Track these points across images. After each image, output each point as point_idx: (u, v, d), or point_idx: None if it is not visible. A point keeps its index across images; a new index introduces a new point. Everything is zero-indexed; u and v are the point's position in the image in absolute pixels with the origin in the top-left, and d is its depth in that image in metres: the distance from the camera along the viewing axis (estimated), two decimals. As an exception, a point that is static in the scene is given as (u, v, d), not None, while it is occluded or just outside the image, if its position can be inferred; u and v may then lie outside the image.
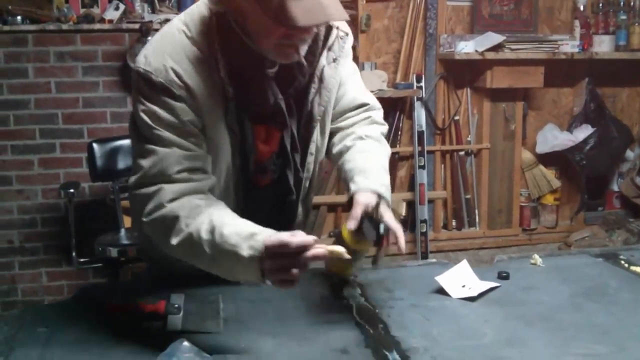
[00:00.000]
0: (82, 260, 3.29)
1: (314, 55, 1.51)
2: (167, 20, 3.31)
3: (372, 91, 3.60)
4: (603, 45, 3.97)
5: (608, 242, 3.77)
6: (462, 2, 4.01)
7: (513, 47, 3.74)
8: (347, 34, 1.58)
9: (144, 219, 1.39)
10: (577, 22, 4.02)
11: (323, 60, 1.54)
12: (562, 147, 3.96)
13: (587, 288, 1.55)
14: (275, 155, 1.56)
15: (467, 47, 3.73)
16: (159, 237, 1.40)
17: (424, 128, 3.93)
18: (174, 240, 1.35)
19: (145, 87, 1.40)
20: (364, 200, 1.47)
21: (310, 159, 1.62)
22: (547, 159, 4.18)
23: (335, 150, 1.67)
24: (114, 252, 3.13)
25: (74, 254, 3.25)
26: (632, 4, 4.03)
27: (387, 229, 1.42)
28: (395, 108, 3.97)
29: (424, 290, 1.56)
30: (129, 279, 3.21)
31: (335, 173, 3.82)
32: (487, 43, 3.67)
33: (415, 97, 3.88)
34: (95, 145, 3.19)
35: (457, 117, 4.08)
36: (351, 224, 1.41)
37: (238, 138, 1.48)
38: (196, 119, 1.42)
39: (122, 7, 3.48)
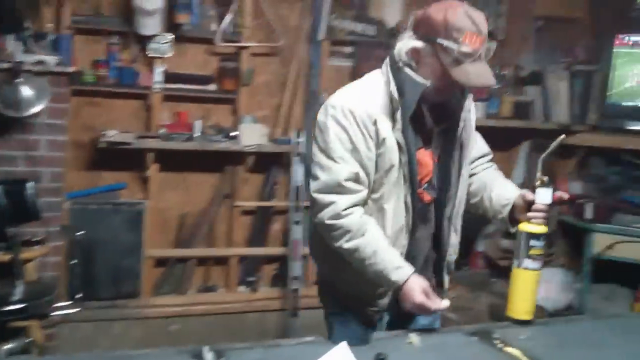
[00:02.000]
0: None
1: (458, 102, 1.98)
2: (40, 62, 3.14)
3: (251, 145, 3.59)
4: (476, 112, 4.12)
5: (473, 303, 3.86)
6: (343, 62, 4.06)
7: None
8: (470, 96, 2.04)
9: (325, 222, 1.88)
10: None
11: (466, 106, 2.00)
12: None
13: (463, 374, 1.53)
14: (434, 176, 1.98)
15: (347, 107, 3.75)
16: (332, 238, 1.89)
17: (301, 183, 3.89)
18: (345, 244, 1.87)
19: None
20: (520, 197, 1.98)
21: (462, 180, 2.04)
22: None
23: (473, 187, 2.14)
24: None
25: None
26: (503, 74, 4.24)
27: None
28: (273, 162, 3.91)
29: (300, 375, 1.47)
30: None
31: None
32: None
33: (293, 153, 3.84)
34: None
35: (333, 174, 4.07)
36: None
37: (405, 151, 1.87)
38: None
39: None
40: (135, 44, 3.57)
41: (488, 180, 2.12)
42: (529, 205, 1.93)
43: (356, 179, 1.87)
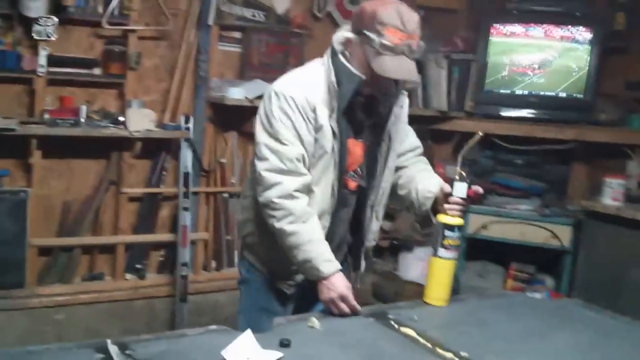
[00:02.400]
0: None
1: (390, 97, 2.10)
2: None
3: (138, 131, 3.52)
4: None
5: (356, 282, 3.98)
6: (233, 48, 4.05)
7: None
8: (404, 92, 2.18)
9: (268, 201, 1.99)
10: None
11: (399, 101, 2.13)
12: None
13: (365, 356, 1.61)
14: (362, 165, 2.11)
15: (238, 93, 3.76)
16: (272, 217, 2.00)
17: (189, 169, 3.87)
18: (286, 226, 1.97)
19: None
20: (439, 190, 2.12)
21: (387, 172, 2.17)
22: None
23: (401, 181, 2.27)
24: None
25: None
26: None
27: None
28: (161, 148, 3.86)
29: (208, 365, 1.50)
30: None
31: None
32: (256, 91, 3.74)
33: (182, 138, 3.81)
34: None
35: (222, 160, 4.08)
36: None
37: (338, 139, 2.00)
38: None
39: None
40: (19, 26, 3.39)
41: (415, 174, 2.24)
42: (446, 197, 2.07)
43: (303, 161, 2.00)
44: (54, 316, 3.57)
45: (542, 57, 4.32)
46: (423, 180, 2.20)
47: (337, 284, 1.95)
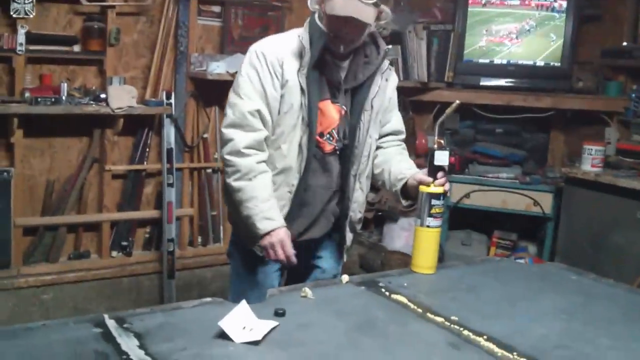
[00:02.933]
0: None
1: (370, 65, 2.12)
2: None
3: (120, 108, 3.50)
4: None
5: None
6: (212, 22, 4.03)
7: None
8: (391, 68, 2.24)
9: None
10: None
11: (378, 73, 2.14)
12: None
13: (359, 323, 1.64)
14: (338, 129, 2.13)
15: (219, 68, 3.74)
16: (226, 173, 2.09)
17: (173, 145, 3.86)
18: (233, 182, 2.05)
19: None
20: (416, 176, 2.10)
21: (369, 140, 2.18)
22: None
23: (378, 160, 2.29)
24: None
25: None
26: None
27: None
28: (144, 124, 3.85)
29: (206, 335, 1.51)
30: None
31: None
32: (237, 65, 3.70)
33: (164, 114, 3.79)
34: None
35: (205, 135, 4.08)
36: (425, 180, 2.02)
37: (306, 95, 2.02)
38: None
39: None
40: (-4, 4, 3.34)
41: (391, 155, 2.28)
42: (419, 184, 2.05)
43: (259, 116, 2.04)
44: (41, 296, 3.57)
45: (519, 26, 4.36)
46: (397, 163, 2.24)
47: (279, 232, 2.03)
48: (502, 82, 4.37)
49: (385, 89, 2.20)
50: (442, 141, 2.09)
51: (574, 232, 3.85)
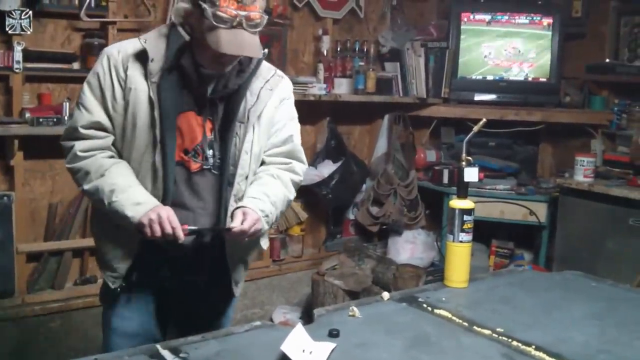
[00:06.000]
0: None
1: (243, 73, 1.91)
2: None
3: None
4: (342, 88, 4.31)
5: (358, 270, 4.02)
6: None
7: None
8: (282, 77, 2.04)
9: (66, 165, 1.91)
10: (321, 65, 4.26)
11: (255, 81, 1.93)
12: (310, 182, 4.18)
13: (413, 340, 1.65)
14: (206, 144, 1.89)
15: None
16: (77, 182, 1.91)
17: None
18: (86, 186, 1.86)
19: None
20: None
21: (245, 157, 1.93)
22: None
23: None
24: None
25: None
26: (365, 50, 4.46)
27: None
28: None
29: (268, 360, 1.51)
30: None
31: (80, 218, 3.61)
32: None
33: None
34: None
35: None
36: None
37: (156, 107, 1.81)
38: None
39: None
40: (-9, 21, 3.25)
41: (259, 175, 2.03)
42: (243, 215, 1.88)
43: (97, 127, 1.87)
44: (48, 324, 3.46)
45: (509, 43, 4.52)
46: (253, 187, 1.99)
47: (156, 209, 1.80)
48: (495, 97, 4.53)
49: (267, 98, 1.97)
50: (470, 158, 2.14)
51: (570, 240, 3.97)
